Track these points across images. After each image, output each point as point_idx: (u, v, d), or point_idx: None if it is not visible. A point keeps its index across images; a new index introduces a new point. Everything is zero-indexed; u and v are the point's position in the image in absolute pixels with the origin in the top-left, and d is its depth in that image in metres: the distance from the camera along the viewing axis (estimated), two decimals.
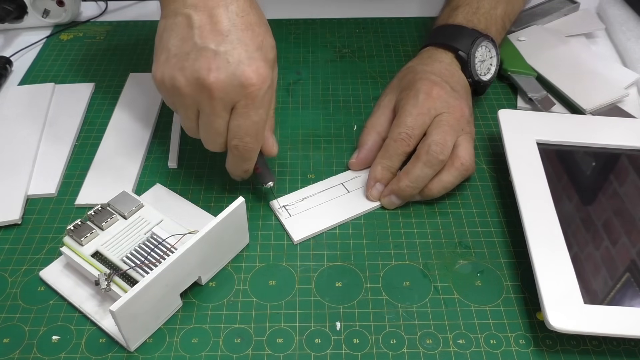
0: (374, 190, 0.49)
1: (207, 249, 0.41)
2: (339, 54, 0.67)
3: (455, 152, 0.48)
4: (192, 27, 0.41)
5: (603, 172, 0.50)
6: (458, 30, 0.55)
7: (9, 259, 0.46)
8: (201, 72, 0.41)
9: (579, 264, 0.41)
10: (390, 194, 0.48)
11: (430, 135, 0.47)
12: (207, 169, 0.53)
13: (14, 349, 0.40)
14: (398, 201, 0.48)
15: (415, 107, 0.48)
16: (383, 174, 0.48)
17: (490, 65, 0.55)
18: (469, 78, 0.54)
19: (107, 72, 0.64)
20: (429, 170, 0.47)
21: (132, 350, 0.40)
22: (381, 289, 0.44)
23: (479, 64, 0.54)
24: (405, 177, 0.47)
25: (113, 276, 0.40)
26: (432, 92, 0.49)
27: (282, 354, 0.40)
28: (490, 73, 0.55)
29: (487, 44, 0.54)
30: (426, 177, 0.47)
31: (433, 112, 0.48)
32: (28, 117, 0.57)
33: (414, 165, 0.47)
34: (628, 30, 0.67)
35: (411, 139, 0.48)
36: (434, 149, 0.46)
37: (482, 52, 0.54)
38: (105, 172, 0.52)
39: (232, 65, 0.40)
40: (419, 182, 0.47)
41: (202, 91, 0.41)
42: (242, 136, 0.43)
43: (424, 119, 0.48)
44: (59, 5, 0.69)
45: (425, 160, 0.46)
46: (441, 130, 0.47)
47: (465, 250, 0.46)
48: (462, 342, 0.40)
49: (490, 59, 0.55)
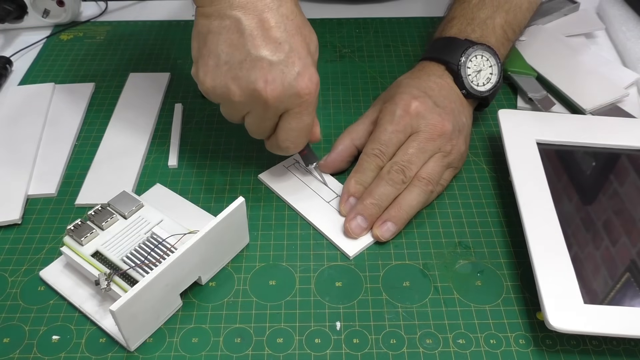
0: (346, 204, 0.48)
1: (207, 249, 0.41)
2: (339, 54, 0.67)
3: (419, 171, 0.47)
4: (242, 32, 0.40)
5: (603, 172, 0.50)
6: (449, 43, 0.53)
7: (9, 259, 0.46)
8: (257, 83, 0.41)
9: (579, 264, 0.41)
10: (356, 215, 0.46)
11: (398, 154, 0.48)
12: (207, 169, 0.53)
13: (14, 349, 0.40)
14: (364, 224, 0.46)
15: (391, 124, 0.48)
16: (356, 188, 0.48)
17: (491, 75, 0.53)
18: (463, 90, 0.52)
19: (107, 72, 0.64)
20: (391, 189, 0.46)
21: (132, 350, 0.40)
22: (381, 289, 0.44)
23: (474, 74, 0.52)
24: (368, 195, 0.47)
25: (113, 276, 0.40)
26: (410, 108, 0.48)
27: (282, 354, 0.40)
28: (491, 83, 0.53)
29: (484, 53, 0.52)
30: (389, 194, 0.46)
31: (409, 129, 0.48)
32: (28, 117, 0.57)
33: (377, 183, 0.47)
34: (628, 30, 0.67)
35: (384, 155, 0.48)
36: (396, 168, 0.47)
37: (477, 62, 0.52)
38: (105, 172, 0.52)
39: (288, 76, 0.41)
40: (382, 200, 0.46)
41: (257, 101, 0.42)
42: (295, 138, 0.45)
43: (399, 136, 0.48)
44: (59, 5, 0.69)
45: (387, 179, 0.47)
46: (411, 149, 0.47)
47: (465, 250, 0.46)
48: (462, 342, 0.40)
49: (489, 68, 0.53)
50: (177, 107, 0.59)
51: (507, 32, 0.55)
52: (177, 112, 0.58)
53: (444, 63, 0.53)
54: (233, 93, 0.42)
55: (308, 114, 0.44)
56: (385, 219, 0.46)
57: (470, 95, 0.52)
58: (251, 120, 0.45)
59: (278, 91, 0.41)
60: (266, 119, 0.44)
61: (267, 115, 0.43)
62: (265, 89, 0.41)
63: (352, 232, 0.46)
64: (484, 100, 0.54)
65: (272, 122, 0.44)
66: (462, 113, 0.51)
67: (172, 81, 0.63)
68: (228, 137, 0.56)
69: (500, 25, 0.55)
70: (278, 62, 0.40)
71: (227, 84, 0.41)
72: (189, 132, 0.56)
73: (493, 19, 0.55)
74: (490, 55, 0.53)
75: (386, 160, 0.48)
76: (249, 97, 0.42)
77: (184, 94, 0.61)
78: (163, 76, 0.63)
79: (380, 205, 0.46)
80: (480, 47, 0.52)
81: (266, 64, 0.40)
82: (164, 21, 0.72)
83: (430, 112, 0.49)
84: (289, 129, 0.44)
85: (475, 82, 0.52)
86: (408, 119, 0.48)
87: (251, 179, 0.52)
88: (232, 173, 0.52)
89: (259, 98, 0.41)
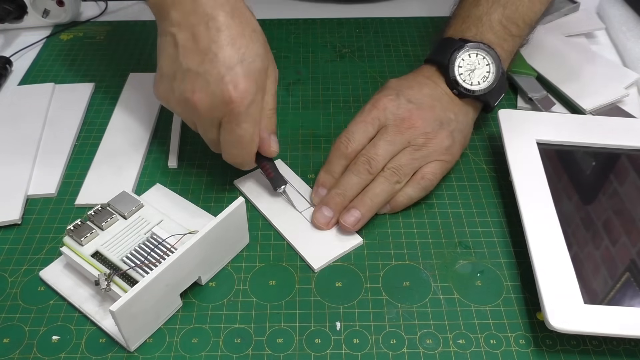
0: (316, 195, 0.49)
1: (207, 249, 0.41)
2: (339, 54, 0.67)
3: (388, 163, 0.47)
4: (177, 46, 0.43)
5: (603, 172, 0.50)
6: (443, 43, 0.53)
7: (9, 259, 0.46)
8: (186, 94, 0.43)
9: (579, 263, 0.41)
10: (321, 206, 0.47)
11: (367, 147, 0.48)
12: (207, 169, 0.53)
13: (14, 349, 0.40)
14: (329, 213, 0.46)
15: (360, 116, 0.50)
16: (324, 178, 0.49)
17: (487, 73, 0.51)
18: (454, 90, 0.51)
19: (107, 72, 0.64)
20: (356, 179, 0.47)
21: (132, 350, 0.40)
22: (381, 289, 0.44)
23: (467, 73, 0.51)
24: (335, 186, 0.47)
25: (113, 276, 0.40)
26: (378, 104, 0.49)
27: (282, 354, 0.40)
28: (488, 81, 0.51)
29: (479, 51, 0.51)
30: (353, 184, 0.47)
31: (377, 122, 0.49)
32: (28, 117, 0.57)
33: (344, 174, 0.48)
34: (628, 30, 0.67)
35: (349, 142, 0.48)
36: (362, 160, 0.47)
37: (471, 61, 0.51)
38: (105, 172, 0.52)
39: (212, 85, 0.42)
40: (347, 190, 0.47)
41: (192, 111, 0.44)
42: (229, 149, 0.46)
43: (366, 127, 0.49)
44: (59, 5, 0.69)
45: (354, 170, 0.47)
46: (379, 142, 0.48)
47: (465, 250, 0.46)
48: (462, 342, 0.40)
49: (485, 66, 0.51)
50: None
51: (508, 27, 0.53)
52: None
53: (435, 64, 0.53)
54: (172, 105, 0.45)
55: (238, 125, 0.43)
56: (350, 206, 0.47)
57: (463, 95, 0.51)
58: (199, 130, 0.46)
59: (204, 100, 0.42)
60: (207, 131, 0.45)
61: (205, 126, 0.45)
62: (192, 98, 0.43)
63: (317, 222, 0.47)
64: (483, 100, 0.52)
65: (213, 134, 0.45)
66: (449, 109, 0.50)
67: None
68: None
69: (497, 21, 0.53)
70: (204, 72, 0.42)
71: (167, 95, 0.45)
72: (189, 132, 0.56)
73: (489, 15, 0.53)
74: (487, 53, 0.51)
75: (351, 148, 0.48)
76: (184, 108, 0.44)
77: None
78: None
79: (344, 195, 0.47)
80: (474, 45, 0.51)
81: (194, 74, 0.42)
82: None
83: (400, 108, 0.49)
84: (225, 141, 0.45)
85: (468, 81, 0.51)
86: (375, 112, 0.49)
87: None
88: (232, 173, 0.52)
89: (192, 108, 0.43)
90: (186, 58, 0.42)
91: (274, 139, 0.48)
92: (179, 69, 0.43)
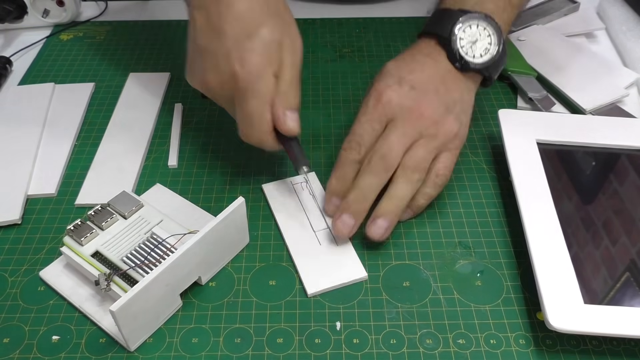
0: (330, 204, 0.47)
1: (207, 249, 0.41)
2: (339, 54, 0.67)
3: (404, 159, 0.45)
4: (195, 27, 0.43)
5: (603, 172, 0.50)
6: (441, 14, 0.50)
7: (9, 259, 0.46)
8: (201, 73, 0.44)
9: (579, 263, 0.41)
10: (341, 214, 0.44)
11: (377, 142, 0.46)
12: (207, 169, 0.53)
13: (14, 349, 0.40)
14: (351, 221, 0.44)
15: (364, 115, 0.47)
16: (336, 186, 0.46)
17: (489, 45, 0.49)
18: (456, 63, 0.48)
19: (107, 72, 0.64)
20: (373, 178, 0.44)
21: (132, 350, 0.40)
22: (381, 289, 0.44)
23: (469, 45, 0.48)
24: (352, 190, 0.45)
25: (113, 276, 0.40)
26: (382, 97, 0.46)
27: (282, 354, 0.40)
28: (490, 53, 0.49)
29: (480, 22, 0.48)
30: (371, 185, 0.44)
31: (384, 118, 0.46)
32: (28, 117, 0.57)
33: (359, 176, 0.45)
34: (628, 30, 0.67)
35: (360, 146, 0.46)
36: (375, 157, 0.45)
37: (472, 32, 0.48)
38: (105, 172, 0.52)
39: (220, 63, 0.42)
40: (366, 192, 0.44)
41: (208, 89, 0.45)
42: (242, 128, 0.45)
43: (373, 125, 0.46)
44: (59, 5, 0.69)
45: (368, 169, 0.45)
46: (391, 137, 0.45)
47: (465, 250, 0.46)
48: (462, 342, 0.40)
49: (487, 38, 0.49)
50: (177, 107, 0.59)
51: None
52: (177, 112, 0.58)
53: (434, 37, 0.50)
54: (194, 83, 0.46)
55: (247, 100, 0.42)
56: (374, 216, 0.44)
57: (466, 68, 0.49)
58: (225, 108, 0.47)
59: (216, 79, 0.43)
60: (228, 109, 0.46)
61: (225, 105, 0.46)
62: (206, 77, 0.43)
63: (340, 233, 0.44)
64: (486, 73, 0.50)
65: (231, 110, 0.46)
66: (453, 89, 0.48)
67: (172, 81, 0.63)
68: (228, 137, 0.56)
69: None
70: (213, 50, 0.42)
71: (192, 78, 0.46)
72: (189, 132, 0.56)
73: None
74: (487, 24, 0.49)
75: (363, 152, 0.46)
76: (204, 88, 0.45)
77: (184, 94, 0.61)
78: (163, 76, 0.63)
79: (365, 198, 0.44)
80: (474, 16, 0.49)
81: (207, 54, 0.43)
82: (163, 21, 0.72)
83: (405, 98, 0.46)
84: (238, 119, 0.45)
85: (470, 53, 0.49)
86: (381, 107, 0.46)
87: (251, 179, 0.52)
88: (232, 173, 0.52)
89: (207, 87, 0.44)
90: (201, 38, 0.43)
91: (291, 116, 0.44)
92: (197, 50, 0.44)
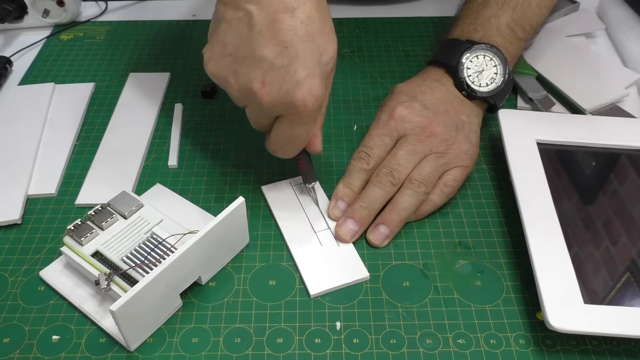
0: (335, 208, 0.47)
1: (207, 249, 0.41)
2: (339, 54, 0.66)
3: (412, 173, 0.47)
4: (252, 28, 0.38)
5: (603, 172, 0.50)
6: (450, 45, 0.53)
7: (9, 259, 0.46)
8: (254, 83, 0.39)
9: (579, 263, 0.41)
10: (346, 219, 0.46)
11: (387, 158, 0.48)
12: (207, 169, 0.53)
13: (14, 349, 0.40)
14: (355, 227, 0.46)
15: (376, 129, 0.49)
16: (344, 191, 0.48)
17: (495, 75, 0.52)
18: (462, 92, 0.52)
19: (107, 72, 0.64)
20: (380, 191, 0.46)
21: (132, 350, 0.40)
22: (381, 289, 0.44)
23: (475, 75, 0.51)
24: (358, 199, 0.47)
25: (113, 276, 0.40)
26: (394, 113, 0.49)
27: (282, 354, 0.40)
28: (495, 83, 0.52)
29: (487, 53, 0.52)
30: (377, 197, 0.46)
31: (395, 133, 0.48)
32: (28, 117, 0.57)
33: (367, 187, 0.47)
34: (628, 30, 0.67)
35: (369, 157, 0.48)
36: (384, 171, 0.47)
37: (479, 62, 0.51)
38: (105, 172, 0.52)
39: (286, 84, 0.39)
40: (371, 203, 0.46)
41: (252, 99, 0.41)
42: (282, 144, 0.44)
43: (384, 139, 0.48)
44: (59, 5, 0.69)
45: (376, 182, 0.47)
46: (399, 152, 0.47)
47: (465, 250, 0.46)
48: (462, 342, 0.40)
49: (493, 68, 0.52)
50: (177, 107, 0.59)
51: (515, 30, 0.54)
52: (177, 112, 0.58)
53: (443, 66, 0.53)
54: (231, 86, 0.41)
55: (301, 126, 0.42)
56: (377, 222, 0.46)
57: (472, 96, 0.52)
58: (249, 113, 0.43)
59: (273, 96, 0.39)
60: (261, 117, 0.43)
61: (262, 115, 0.43)
62: (260, 91, 0.39)
63: (343, 235, 0.46)
64: (491, 101, 0.52)
65: (268, 121, 0.43)
66: (461, 112, 0.51)
67: (172, 81, 0.63)
68: (228, 137, 0.56)
69: (506, 24, 0.53)
70: (280, 67, 0.38)
71: (227, 75, 0.41)
72: (189, 132, 0.56)
73: (498, 18, 0.53)
74: (494, 54, 0.52)
75: (372, 163, 0.48)
76: (244, 94, 0.41)
77: (184, 94, 0.61)
78: (163, 76, 0.63)
79: (370, 208, 0.46)
80: (481, 47, 0.52)
81: (267, 65, 0.38)
82: (163, 21, 0.72)
83: (417, 115, 0.49)
84: (279, 133, 0.43)
85: (476, 82, 0.52)
86: (393, 122, 0.48)
87: (251, 179, 0.52)
88: (232, 173, 0.52)
89: (253, 97, 0.40)
90: (262, 45, 0.38)
91: (321, 138, 0.46)
92: (250, 53, 0.39)
